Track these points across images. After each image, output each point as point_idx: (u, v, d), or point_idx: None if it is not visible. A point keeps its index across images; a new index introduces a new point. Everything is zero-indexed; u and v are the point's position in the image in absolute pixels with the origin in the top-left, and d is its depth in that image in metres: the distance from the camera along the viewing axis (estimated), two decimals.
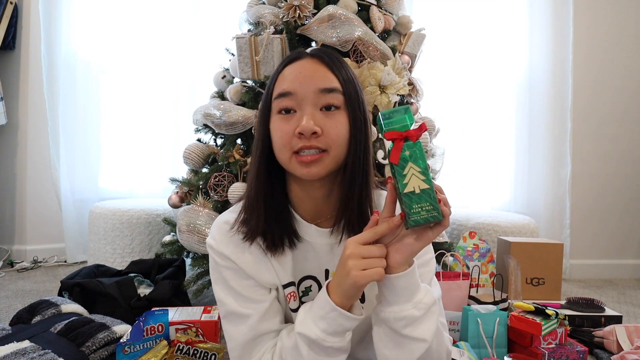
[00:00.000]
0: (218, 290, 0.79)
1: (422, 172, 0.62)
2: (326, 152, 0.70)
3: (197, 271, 1.69)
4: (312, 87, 0.71)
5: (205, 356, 1.24)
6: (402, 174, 0.62)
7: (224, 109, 1.67)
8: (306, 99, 0.71)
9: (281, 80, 0.73)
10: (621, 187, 2.71)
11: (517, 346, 1.39)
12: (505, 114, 2.71)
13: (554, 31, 2.60)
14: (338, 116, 0.72)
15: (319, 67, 0.73)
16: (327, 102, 0.71)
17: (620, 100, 2.70)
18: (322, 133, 0.70)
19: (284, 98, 0.71)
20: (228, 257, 0.77)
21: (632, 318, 1.91)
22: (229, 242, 0.77)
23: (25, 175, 2.64)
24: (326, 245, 0.79)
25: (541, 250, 1.92)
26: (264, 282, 0.78)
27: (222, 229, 0.78)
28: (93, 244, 2.28)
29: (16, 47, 2.59)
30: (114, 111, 2.71)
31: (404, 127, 0.63)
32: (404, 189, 0.62)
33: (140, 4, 2.64)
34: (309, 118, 0.69)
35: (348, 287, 0.65)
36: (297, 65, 0.74)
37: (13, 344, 1.22)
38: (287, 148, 0.71)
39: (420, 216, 0.62)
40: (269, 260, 0.78)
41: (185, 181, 1.82)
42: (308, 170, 0.70)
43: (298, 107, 0.71)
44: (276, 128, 0.72)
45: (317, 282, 0.81)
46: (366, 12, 1.77)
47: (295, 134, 0.69)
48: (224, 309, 0.78)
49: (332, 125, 0.70)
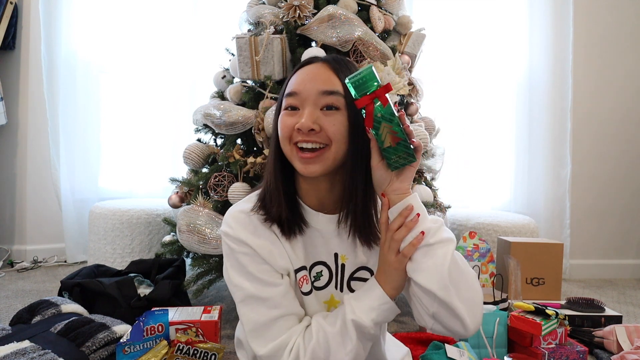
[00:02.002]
0: (234, 275, 0.81)
1: (394, 128, 0.73)
2: (327, 147, 0.77)
3: (197, 271, 1.69)
4: (314, 89, 0.77)
5: (205, 356, 1.24)
6: (379, 133, 0.73)
7: (224, 109, 1.67)
8: (309, 99, 0.78)
9: (292, 82, 0.81)
10: (621, 187, 2.71)
11: (517, 346, 1.39)
12: (505, 114, 2.71)
13: (554, 31, 2.60)
14: (337, 115, 0.77)
15: (324, 71, 0.80)
16: (327, 102, 0.77)
17: (620, 100, 2.70)
18: (321, 130, 0.76)
19: (291, 97, 0.79)
20: (245, 242, 0.80)
21: (632, 318, 1.91)
22: (245, 228, 0.81)
23: (25, 175, 2.64)
24: (333, 230, 0.85)
25: (541, 250, 1.92)
26: (278, 267, 0.82)
27: (238, 217, 0.83)
28: (93, 244, 2.28)
29: (16, 47, 2.59)
30: (114, 111, 2.71)
31: (372, 88, 0.72)
32: (383, 145, 0.74)
33: (140, 4, 2.64)
34: (307, 116, 0.76)
35: (395, 276, 0.76)
36: (307, 69, 0.81)
37: (13, 344, 1.22)
38: (288, 140, 0.79)
39: (399, 163, 0.75)
40: (282, 246, 0.83)
41: (185, 181, 1.82)
42: (306, 167, 0.77)
43: (301, 106, 0.78)
44: (281, 122, 0.80)
45: (327, 266, 0.86)
46: (366, 12, 1.77)
47: (295, 129, 0.77)
48: (241, 293, 0.80)
49: (330, 122, 0.77)
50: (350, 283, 0.87)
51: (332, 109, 0.77)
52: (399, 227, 0.75)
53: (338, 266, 0.86)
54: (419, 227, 0.74)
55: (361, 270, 0.87)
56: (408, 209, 0.75)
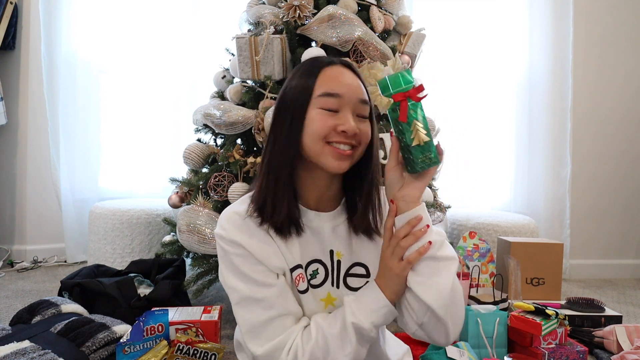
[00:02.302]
0: (229, 278, 0.82)
1: (424, 127, 0.74)
2: (356, 148, 0.81)
3: (197, 271, 1.69)
4: (355, 96, 0.81)
5: (205, 356, 1.24)
6: (409, 130, 0.74)
7: (224, 109, 1.67)
8: (350, 104, 0.80)
9: (326, 80, 0.81)
10: (621, 187, 2.71)
11: (517, 346, 1.39)
12: (505, 114, 2.71)
13: (554, 31, 2.60)
14: (367, 124, 0.83)
15: (356, 78, 0.83)
16: (361, 111, 0.82)
17: (620, 100, 2.70)
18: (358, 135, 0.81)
19: (332, 98, 0.79)
20: (239, 243, 0.80)
21: (632, 318, 1.91)
22: (238, 230, 0.81)
23: (25, 175, 2.64)
24: (328, 227, 0.87)
25: (541, 250, 1.93)
26: (272, 267, 0.81)
27: (232, 219, 0.83)
28: (93, 244, 2.28)
29: (16, 47, 2.59)
30: (114, 111, 2.71)
31: (407, 88, 0.74)
32: (412, 143, 0.74)
33: (140, 4, 2.64)
34: (353, 120, 0.79)
35: (396, 281, 0.77)
36: (338, 71, 0.82)
37: (13, 344, 1.22)
38: (321, 138, 0.79)
39: (425, 164, 0.75)
40: (277, 245, 0.83)
41: (185, 181, 1.82)
42: (340, 164, 0.79)
43: (341, 109, 0.80)
44: (317, 119, 0.79)
45: (322, 264, 0.87)
46: (366, 12, 1.77)
47: (338, 130, 0.78)
48: (236, 295, 0.80)
49: (364, 129, 0.82)
50: (346, 279, 0.87)
51: (365, 117, 0.82)
52: (405, 235, 0.77)
53: (334, 263, 0.87)
54: (427, 238, 0.76)
55: (356, 266, 0.88)
56: (417, 219, 0.77)
